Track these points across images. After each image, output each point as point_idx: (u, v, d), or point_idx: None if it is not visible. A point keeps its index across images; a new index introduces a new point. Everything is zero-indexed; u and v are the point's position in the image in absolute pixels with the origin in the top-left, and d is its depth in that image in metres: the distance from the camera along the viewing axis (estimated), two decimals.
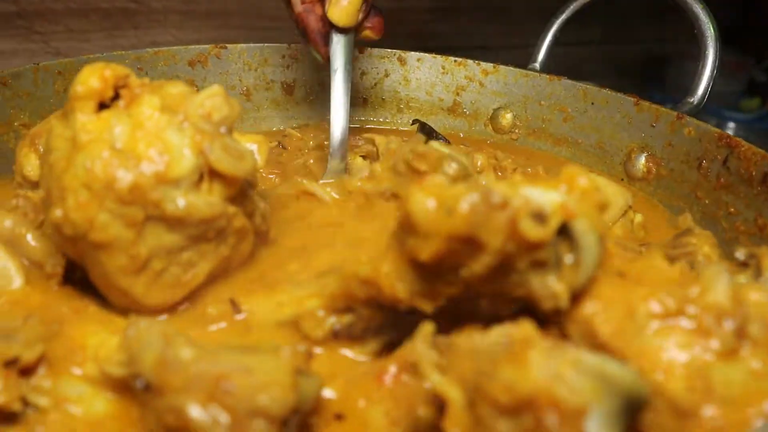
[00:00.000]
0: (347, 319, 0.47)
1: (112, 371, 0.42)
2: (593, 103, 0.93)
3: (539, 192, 0.39)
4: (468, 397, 0.36)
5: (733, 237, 0.72)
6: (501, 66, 1.02)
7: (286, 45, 1.04)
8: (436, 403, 0.45)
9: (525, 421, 0.33)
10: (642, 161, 0.88)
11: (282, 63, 1.04)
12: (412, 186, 0.39)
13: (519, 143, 1.01)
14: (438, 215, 0.38)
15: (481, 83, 1.03)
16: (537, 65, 1.05)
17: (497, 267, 0.39)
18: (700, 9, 0.91)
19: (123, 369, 0.41)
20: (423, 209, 0.38)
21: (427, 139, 0.67)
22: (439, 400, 0.44)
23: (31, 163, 0.70)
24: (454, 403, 0.36)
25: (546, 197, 0.38)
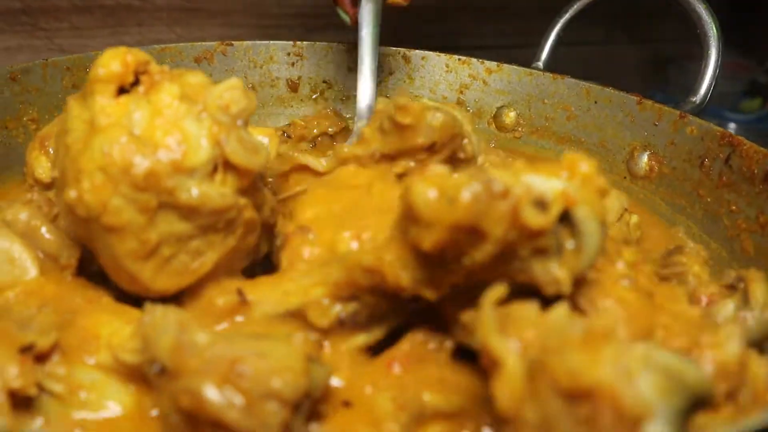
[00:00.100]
0: (352, 307, 0.47)
1: (126, 358, 0.43)
2: (596, 102, 0.94)
3: (540, 179, 0.39)
4: (527, 367, 0.36)
5: (735, 235, 0.73)
6: (505, 65, 1.02)
7: (291, 42, 1.05)
8: (442, 390, 0.46)
9: (581, 410, 0.33)
10: (645, 160, 0.88)
11: (287, 60, 1.05)
12: (413, 177, 0.39)
13: (522, 141, 1.02)
14: (440, 205, 0.38)
15: (485, 81, 1.04)
16: (540, 64, 1.05)
17: (499, 254, 0.39)
18: (702, 9, 0.91)
19: (137, 356, 0.42)
20: (425, 199, 0.38)
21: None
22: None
23: (42, 166, 0.70)
24: (510, 369, 0.36)
25: (547, 185, 0.39)
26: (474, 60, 1.03)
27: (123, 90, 0.47)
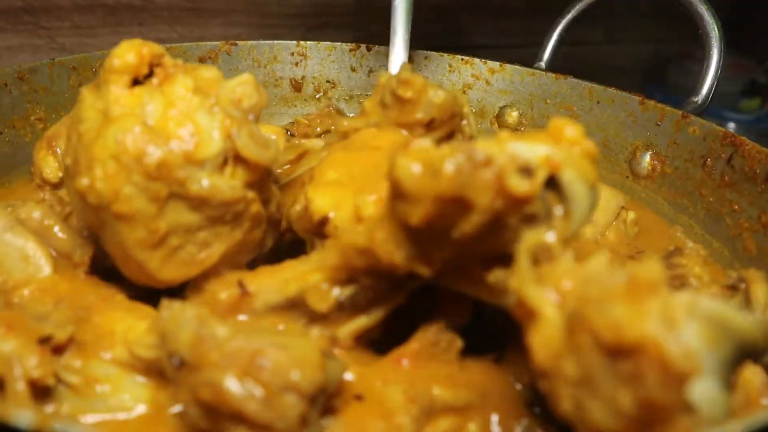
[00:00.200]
0: (350, 290, 0.47)
1: (142, 353, 0.43)
2: (599, 102, 0.95)
3: (524, 146, 0.39)
4: (566, 320, 0.35)
5: (737, 234, 0.74)
6: (507, 65, 1.03)
7: (294, 42, 1.05)
8: (451, 385, 0.47)
9: (624, 367, 0.31)
10: (647, 159, 0.89)
11: (291, 60, 1.05)
12: (397, 153, 0.39)
13: None
14: (423, 178, 0.38)
15: (488, 81, 1.04)
16: (543, 64, 1.06)
17: (488, 225, 0.39)
18: (704, 9, 0.92)
19: (153, 351, 0.43)
20: (408, 174, 0.38)
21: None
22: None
23: (50, 166, 0.71)
24: (548, 321, 0.35)
25: (531, 151, 0.38)
26: (477, 60, 1.04)
27: (137, 81, 0.47)
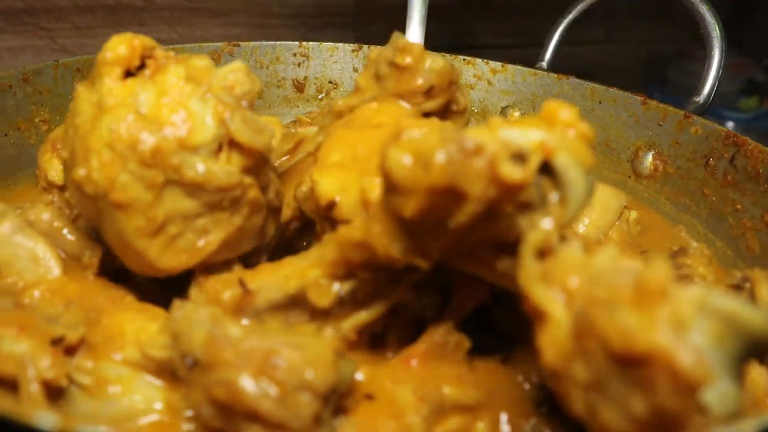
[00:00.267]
0: (349, 285, 0.47)
1: (154, 354, 0.43)
2: (601, 102, 0.95)
3: (517, 132, 0.37)
4: (574, 321, 0.34)
5: (740, 233, 0.74)
6: (509, 65, 1.03)
7: (297, 43, 1.06)
8: (460, 385, 0.47)
9: (635, 374, 0.31)
10: (649, 159, 0.89)
11: (293, 61, 1.06)
12: (388, 144, 0.39)
13: None
14: (415, 170, 0.37)
15: (490, 82, 1.04)
16: (544, 64, 1.07)
17: (483, 214, 0.38)
18: (705, 10, 0.93)
19: (165, 351, 0.43)
20: (399, 166, 0.38)
21: None
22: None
23: (55, 168, 0.71)
24: (556, 323, 0.35)
25: (524, 137, 0.37)
26: (479, 60, 1.04)
27: (130, 74, 0.48)
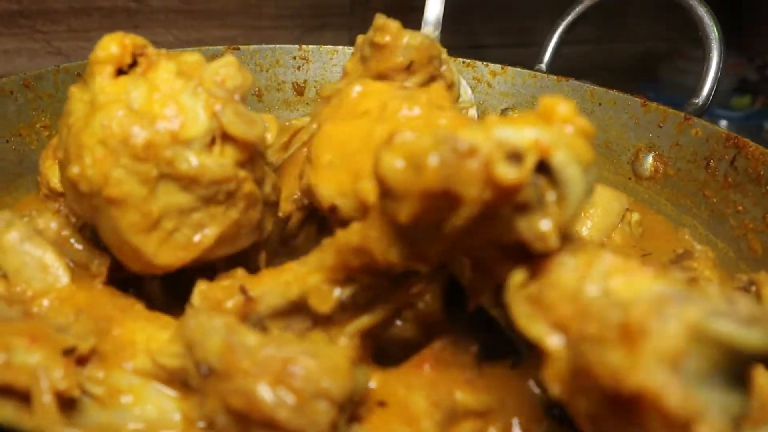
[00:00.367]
0: (350, 290, 0.47)
1: (166, 362, 0.43)
2: (600, 104, 0.96)
3: (512, 131, 0.36)
4: (571, 358, 0.34)
5: (742, 234, 0.75)
6: (509, 67, 1.03)
7: (296, 46, 1.06)
8: (472, 390, 0.48)
9: (629, 412, 0.31)
10: (650, 161, 0.90)
11: (293, 64, 1.06)
12: (380, 148, 0.38)
13: None
14: (407, 174, 0.36)
15: (489, 84, 1.05)
16: (543, 66, 1.07)
17: (480, 217, 0.36)
18: (704, 12, 0.93)
19: (177, 360, 0.43)
20: (392, 170, 0.37)
21: None
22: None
23: (57, 175, 0.71)
24: (556, 358, 0.35)
25: (519, 135, 0.36)
26: (478, 63, 1.05)
27: (122, 72, 0.48)
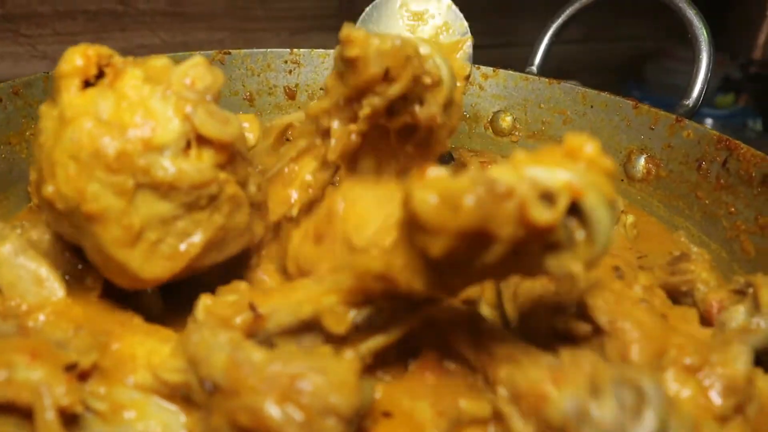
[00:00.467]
0: (366, 312, 0.47)
1: (168, 378, 0.43)
2: (592, 106, 0.96)
3: (543, 171, 0.37)
4: None
5: (735, 236, 0.75)
6: (501, 70, 1.04)
7: (288, 50, 1.05)
8: (476, 396, 0.48)
9: None
10: (642, 162, 0.90)
11: (284, 68, 1.05)
12: (412, 182, 0.38)
13: (519, 145, 1.03)
14: (443, 212, 0.37)
15: (481, 86, 1.05)
16: (534, 68, 1.07)
17: (510, 254, 0.38)
18: (693, 14, 0.94)
19: (180, 375, 0.42)
20: (427, 207, 0.37)
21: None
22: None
23: None
24: None
25: (551, 176, 0.37)
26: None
27: (89, 84, 0.47)
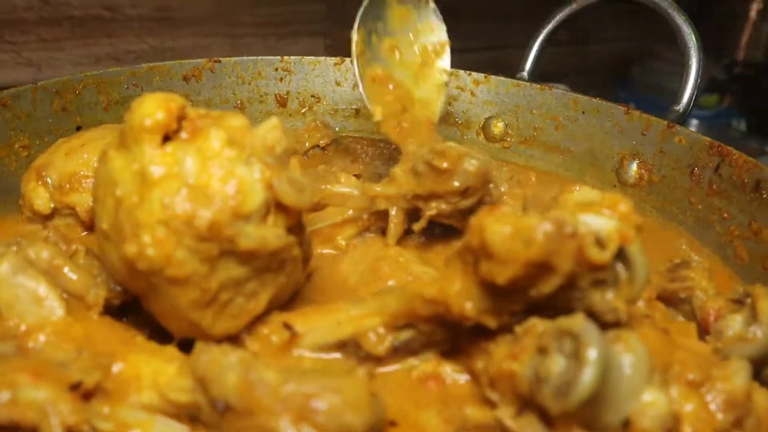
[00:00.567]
0: (406, 335, 0.50)
1: (175, 398, 0.43)
2: (584, 112, 0.96)
3: (594, 219, 0.45)
4: None
5: (728, 241, 0.76)
6: (492, 76, 1.04)
7: (278, 58, 1.05)
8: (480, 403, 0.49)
9: None
10: (634, 168, 0.91)
11: (275, 76, 1.04)
12: (485, 216, 0.43)
13: (511, 151, 1.03)
14: (515, 244, 0.42)
15: (473, 93, 1.05)
16: (525, 74, 1.08)
17: (563, 286, 0.44)
18: (682, 21, 0.95)
19: (188, 394, 0.42)
20: (501, 239, 0.42)
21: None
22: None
23: (41, 197, 0.68)
24: None
25: (602, 223, 0.44)
26: (461, 72, 1.05)
27: (166, 137, 0.46)
